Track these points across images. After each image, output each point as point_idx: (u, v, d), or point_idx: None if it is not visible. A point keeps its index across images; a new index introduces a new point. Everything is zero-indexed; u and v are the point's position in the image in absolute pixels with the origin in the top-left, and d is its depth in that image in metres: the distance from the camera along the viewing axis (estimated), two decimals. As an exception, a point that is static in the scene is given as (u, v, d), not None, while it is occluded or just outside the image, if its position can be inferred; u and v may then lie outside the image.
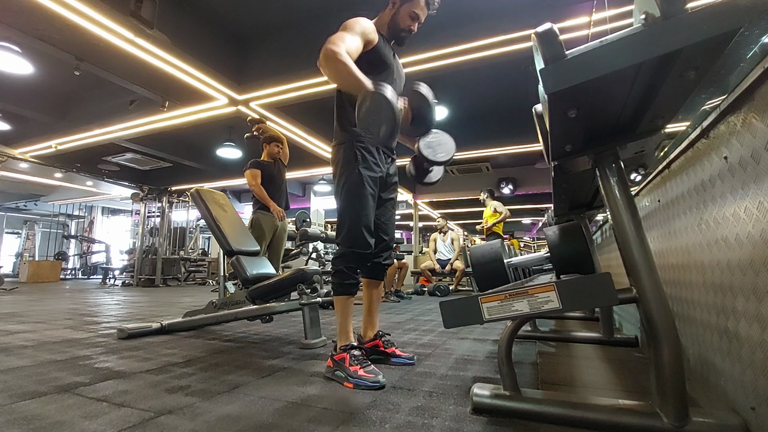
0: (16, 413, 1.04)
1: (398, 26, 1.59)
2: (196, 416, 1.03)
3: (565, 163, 1.15)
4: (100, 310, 3.69)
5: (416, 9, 1.56)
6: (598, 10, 3.26)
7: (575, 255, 1.56)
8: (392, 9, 1.59)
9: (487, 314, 1.01)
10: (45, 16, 3.20)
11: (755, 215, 0.78)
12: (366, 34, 1.46)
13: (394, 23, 1.59)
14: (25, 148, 6.99)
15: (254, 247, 2.54)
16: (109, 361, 1.64)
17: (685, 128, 1.13)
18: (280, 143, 3.52)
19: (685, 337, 1.20)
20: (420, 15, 1.57)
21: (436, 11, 1.60)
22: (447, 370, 1.51)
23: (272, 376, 1.41)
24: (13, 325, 2.63)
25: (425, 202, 11.25)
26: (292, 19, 4.09)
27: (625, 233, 0.96)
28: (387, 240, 1.67)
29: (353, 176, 1.50)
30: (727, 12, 0.64)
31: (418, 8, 1.56)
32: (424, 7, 1.57)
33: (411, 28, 1.59)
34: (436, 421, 1.01)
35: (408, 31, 1.60)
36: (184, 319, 2.41)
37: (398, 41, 1.64)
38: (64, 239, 12.87)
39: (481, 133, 6.42)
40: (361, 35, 1.44)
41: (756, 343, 0.79)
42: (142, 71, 4.06)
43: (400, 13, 1.57)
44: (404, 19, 1.57)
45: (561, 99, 0.79)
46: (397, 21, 1.58)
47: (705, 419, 0.86)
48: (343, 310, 1.52)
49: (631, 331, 2.05)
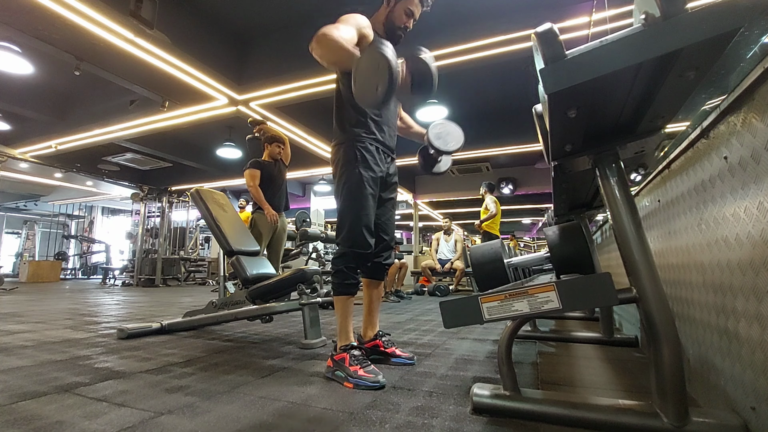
0: (16, 413, 1.04)
1: (394, 24, 1.59)
2: (196, 416, 1.03)
3: (565, 163, 1.15)
4: (100, 310, 3.69)
5: (411, 6, 1.56)
6: (598, 10, 3.26)
7: (575, 255, 1.56)
8: (387, 7, 1.60)
9: (487, 314, 1.01)
10: (45, 16, 3.20)
11: (755, 215, 0.78)
12: (361, 29, 1.46)
13: (390, 21, 1.59)
14: (25, 148, 7.00)
15: (254, 247, 2.54)
16: (109, 361, 1.64)
17: (685, 128, 1.13)
18: (282, 143, 3.52)
19: (685, 337, 1.20)
20: (415, 12, 1.58)
21: (429, 8, 1.61)
22: (447, 370, 1.51)
23: (272, 376, 1.41)
24: (13, 325, 2.63)
25: (425, 202, 11.25)
26: (292, 19, 4.09)
27: (625, 233, 0.96)
28: (387, 240, 1.67)
29: (353, 176, 1.51)
30: (727, 12, 0.64)
31: (412, 5, 1.56)
32: (419, 4, 1.57)
33: (406, 25, 1.60)
34: (436, 421, 1.01)
35: (404, 29, 1.60)
36: (184, 319, 2.41)
37: (394, 39, 1.63)
38: (64, 239, 12.87)
39: (481, 133, 6.41)
40: (356, 28, 1.44)
41: (756, 343, 0.79)
42: (142, 71, 4.07)
43: (395, 11, 1.58)
44: (399, 16, 1.58)
45: (561, 99, 0.79)
46: (393, 19, 1.59)
47: (705, 419, 0.86)
48: (343, 310, 1.52)
49: (631, 331, 2.05)
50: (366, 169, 1.52)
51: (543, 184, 8.26)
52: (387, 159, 1.65)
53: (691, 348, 1.18)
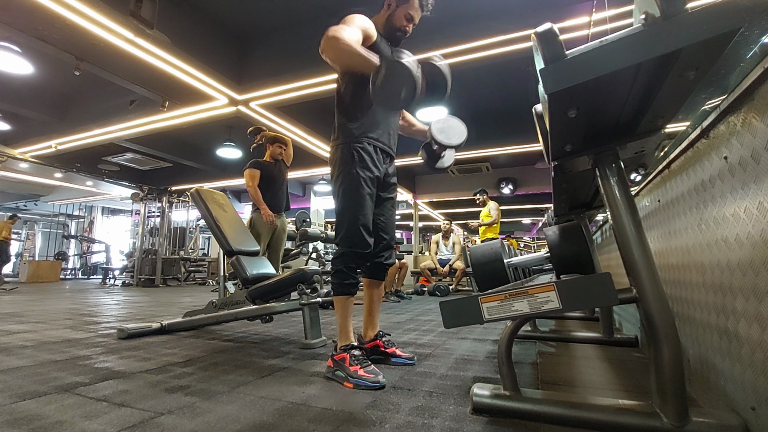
0: (16, 413, 1.04)
1: (394, 26, 1.62)
2: (196, 416, 1.03)
3: (565, 163, 1.15)
4: (100, 310, 3.69)
5: (411, 11, 1.60)
6: (598, 10, 3.26)
7: (575, 255, 1.56)
8: (387, 10, 1.63)
9: (487, 314, 1.01)
10: (45, 16, 3.20)
11: (755, 215, 0.78)
12: (365, 30, 1.49)
13: (390, 24, 1.62)
14: (25, 148, 7.00)
15: (254, 247, 2.54)
16: (109, 361, 1.64)
17: (685, 128, 1.13)
18: (284, 144, 3.52)
19: (685, 337, 1.20)
20: (414, 16, 1.62)
21: (430, 12, 1.64)
22: (447, 370, 1.51)
23: (272, 376, 1.41)
24: (13, 325, 2.63)
25: (425, 202, 11.24)
26: (292, 19, 4.09)
27: (625, 233, 0.96)
28: (387, 239, 1.67)
29: (350, 176, 1.51)
30: (727, 12, 0.64)
31: (412, 10, 1.60)
32: (419, 9, 1.61)
33: (406, 29, 1.63)
34: (436, 421, 1.01)
35: (403, 32, 1.63)
36: (184, 319, 2.41)
37: (393, 41, 1.67)
38: (64, 239, 12.88)
39: (481, 133, 6.41)
40: (361, 29, 1.46)
41: (756, 343, 0.79)
42: (142, 71, 4.06)
43: (395, 15, 1.61)
44: (400, 19, 1.61)
45: (561, 99, 0.79)
46: (393, 22, 1.62)
47: (705, 419, 0.86)
48: (344, 310, 1.52)
49: (631, 331, 2.05)
50: (363, 169, 1.52)
51: (543, 184, 8.26)
52: (386, 159, 1.65)
53: (691, 348, 1.18)
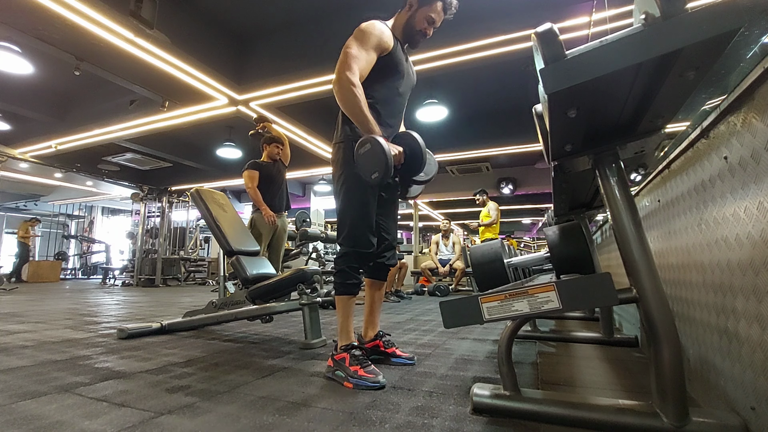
0: (16, 413, 1.04)
1: (413, 28, 1.58)
2: (196, 416, 1.03)
3: (565, 163, 1.15)
4: (100, 310, 3.69)
5: (432, 13, 1.55)
6: (598, 10, 3.26)
7: (575, 255, 1.56)
8: (408, 11, 1.58)
9: (487, 314, 1.01)
10: (45, 16, 3.20)
11: (755, 215, 0.78)
12: (381, 44, 1.47)
13: (410, 26, 1.58)
14: (25, 148, 7.00)
15: (254, 247, 2.54)
16: (109, 361, 1.64)
17: (685, 128, 1.13)
18: (281, 144, 3.52)
19: (685, 337, 1.20)
20: (436, 19, 1.57)
21: (453, 16, 1.60)
22: (447, 370, 1.51)
23: (272, 376, 1.41)
24: (13, 325, 2.63)
25: (425, 202, 11.25)
26: (292, 19, 4.09)
27: (625, 233, 0.96)
28: (390, 240, 1.67)
29: (352, 176, 1.50)
30: (727, 12, 0.64)
31: (434, 12, 1.55)
32: (441, 12, 1.56)
33: (426, 32, 1.59)
34: (436, 421, 1.01)
35: (423, 35, 1.59)
36: (184, 319, 2.41)
37: (412, 43, 1.63)
38: (64, 239, 12.87)
39: (481, 133, 6.41)
40: (376, 48, 1.46)
41: (756, 343, 0.79)
42: (142, 71, 4.07)
43: (416, 17, 1.56)
44: (420, 22, 1.57)
45: (561, 99, 0.79)
46: (413, 24, 1.57)
47: (705, 419, 0.86)
48: (345, 310, 1.52)
49: (631, 331, 2.05)
50: None
51: (543, 184, 8.26)
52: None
53: (691, 348, 1.18)
